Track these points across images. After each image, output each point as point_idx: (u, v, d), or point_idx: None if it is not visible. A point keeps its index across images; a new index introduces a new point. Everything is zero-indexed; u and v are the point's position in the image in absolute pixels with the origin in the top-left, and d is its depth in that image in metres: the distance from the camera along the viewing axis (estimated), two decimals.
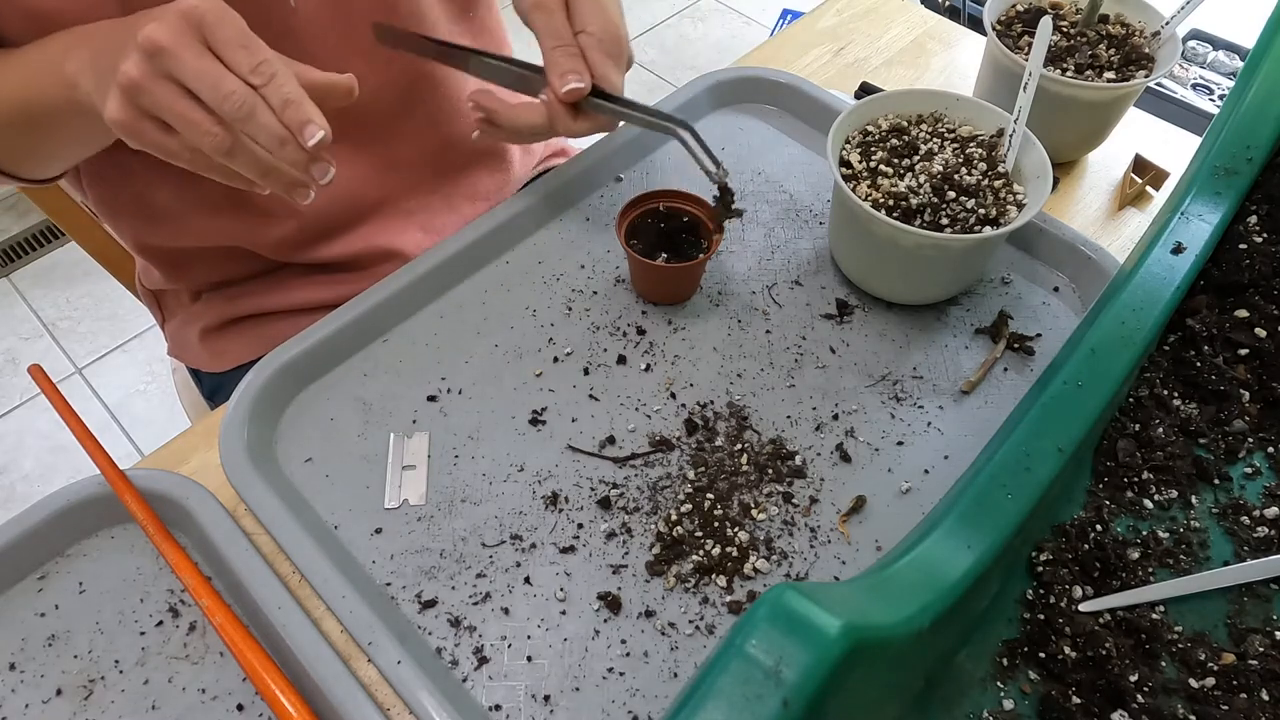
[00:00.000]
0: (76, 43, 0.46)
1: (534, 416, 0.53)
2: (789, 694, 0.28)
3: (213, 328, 0.69)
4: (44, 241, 1.81)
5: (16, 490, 1.46)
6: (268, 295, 0.67)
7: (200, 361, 0.71)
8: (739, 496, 0.49)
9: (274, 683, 0.40)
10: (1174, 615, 0.40)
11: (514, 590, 0.46)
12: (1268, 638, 0.39)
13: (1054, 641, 0.38)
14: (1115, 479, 0.44)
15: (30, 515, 0.46)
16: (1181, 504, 0.44)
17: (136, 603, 0.46)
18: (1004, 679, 0.39)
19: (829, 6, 0.83)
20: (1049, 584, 0.40)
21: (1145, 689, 0.37)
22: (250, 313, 0.68)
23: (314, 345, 0.53)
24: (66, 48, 0.46)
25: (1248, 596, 0.41)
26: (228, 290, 0.69)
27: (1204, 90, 1.44)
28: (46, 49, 0.48)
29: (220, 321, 0.69)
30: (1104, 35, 0.64)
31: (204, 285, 0.70)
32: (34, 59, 0.48)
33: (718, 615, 0.45)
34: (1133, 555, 0.41)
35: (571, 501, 0.49)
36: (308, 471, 0.50)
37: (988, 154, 0.56)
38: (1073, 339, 0.47)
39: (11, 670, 0.44)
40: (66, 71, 0.45)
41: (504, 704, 0.42)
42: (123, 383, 1.60)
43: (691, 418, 0.52)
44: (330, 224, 0.65)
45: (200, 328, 0.69)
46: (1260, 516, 0.43)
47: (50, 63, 0.47)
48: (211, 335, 0.69)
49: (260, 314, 0.68)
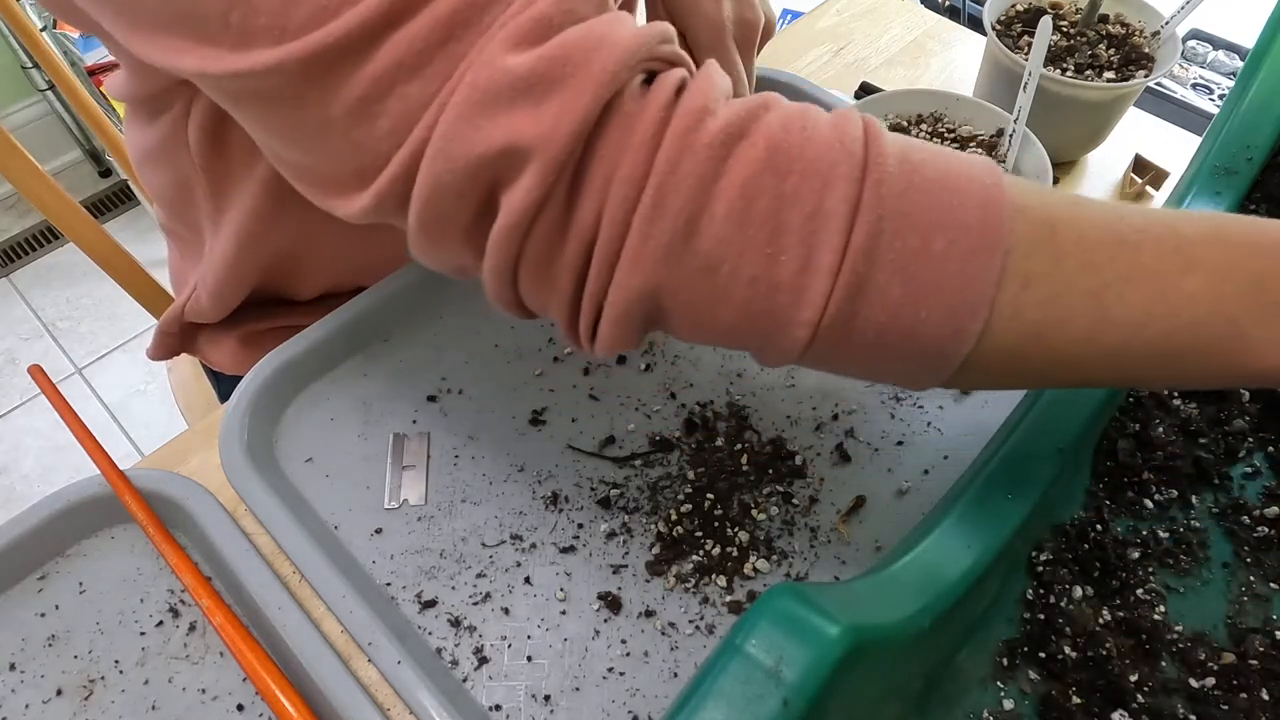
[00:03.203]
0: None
1: (534, 416, 0.53)
2: (789, 694, 0.28)
3: (251, 334, 0.68)
4: (44, 241, 1.81)
5: (16, 490, 1.46)
6: (310, 314, 0.66)
7: (232, 366, 0.70)
8: (739, 496, 0.49)
9: (274, 683, 0.40)
10: (1174, 615, 0.40)
11: (514, 590, 0.46)
12: (1268, 638, 0.39)
13: (1054, 641, 0.38)
14: (1115, 479, 0.44)
15: (30, 515, 0.46)
16: (1181, 504, 0.44)
17: (136, 603, 0.46)
18: (1004, 679, 0.39)
19: (829, 6, 0.83)
20: (1049, 584, 0.40)
21: (1145, 689, 0.37)
22: (291, 324, 0.67)
23: (314, 345, 0.53)
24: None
25: (1248, 596, 0.41)
26: (272, 308, 0.68)
27: (1204, 90, 1.44)
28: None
29: (260, 330, 0.68)
30: (1104, 35, 0.64)
31: (253, 315, 0.69)
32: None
33: (718, 615, 0.45)
34: (1133, 555, 0.41)
35: (571, 501, 0.49)
36: (308, 471, 0.50)
37: (988, 154, 0.56)
38: None
39: (11, 670, 0.44)
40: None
41: (504, 704, 0.42)
42: (123, 383, 1.60)
43: (691, 418, 0.52)
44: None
45: (236, 337, 0.68)
46: (1260, 516, 0.43)
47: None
48: (251, 340, 0.68)
49: (301, 326, 0.67)
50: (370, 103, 0.33)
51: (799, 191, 0.31)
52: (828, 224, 0.31)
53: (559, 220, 0.33)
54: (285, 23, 0.32)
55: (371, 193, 0.35)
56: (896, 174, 0.32)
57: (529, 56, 0.31)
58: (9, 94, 1.81)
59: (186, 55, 0.34)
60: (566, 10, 0.32)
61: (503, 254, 0.34)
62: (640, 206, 0.32)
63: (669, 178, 0.31)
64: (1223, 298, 0.32)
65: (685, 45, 0.55)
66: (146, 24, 0.35)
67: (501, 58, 0.31)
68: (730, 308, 0.33)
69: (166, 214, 0.64)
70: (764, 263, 0.32)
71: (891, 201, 0.31)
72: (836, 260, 0.31)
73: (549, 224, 0.33)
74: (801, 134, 0.32)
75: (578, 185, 0.32)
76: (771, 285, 0.32)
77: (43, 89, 1.78)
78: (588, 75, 0.31)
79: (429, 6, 0.31)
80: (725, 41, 0.53)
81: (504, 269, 0.35)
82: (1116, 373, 0.34)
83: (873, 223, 0.31)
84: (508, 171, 0.32)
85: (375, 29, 0.31)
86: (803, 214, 0.31)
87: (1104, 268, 0.32)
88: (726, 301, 0.33)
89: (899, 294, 0.32)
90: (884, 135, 0.33)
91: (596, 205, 0.32)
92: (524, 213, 0.32)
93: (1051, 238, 0.32)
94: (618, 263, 0.33)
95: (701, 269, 0.32)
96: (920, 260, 0.31)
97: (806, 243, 0.31)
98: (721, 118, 0.32)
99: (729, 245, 0.32)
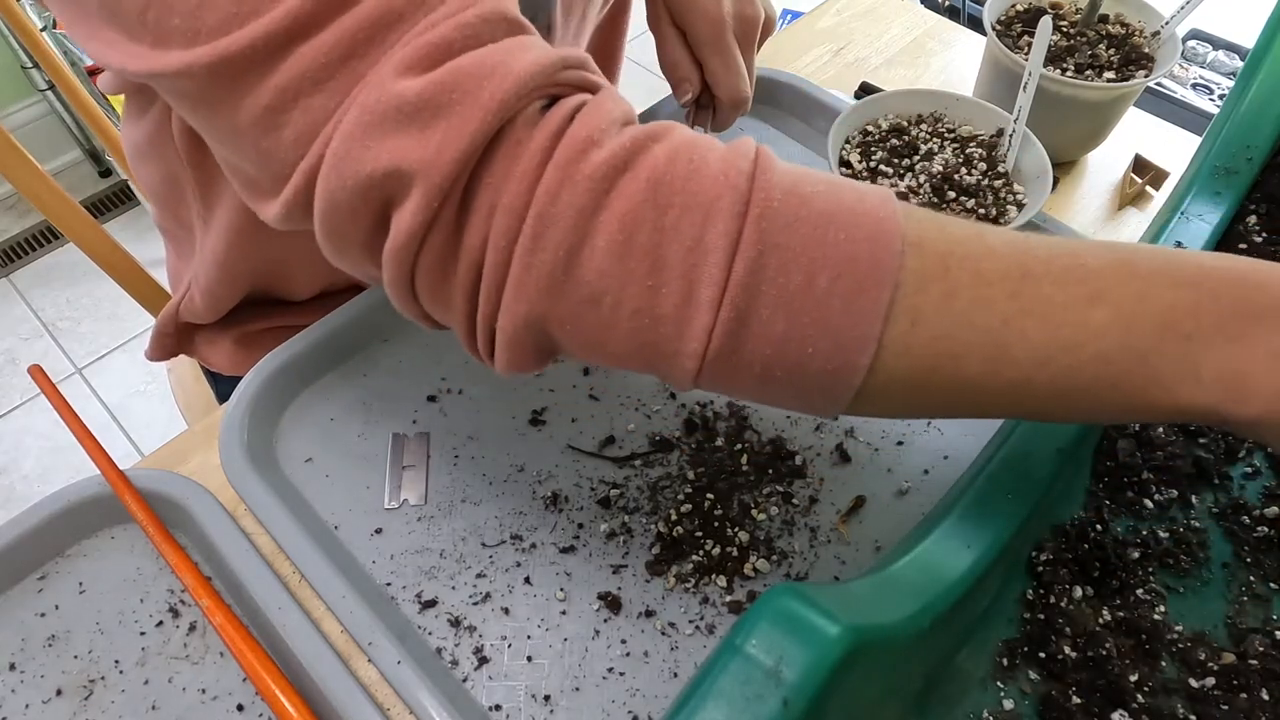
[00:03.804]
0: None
1: (534, 416, 0.53)
2: (789, 694, 0.28)
3: (247, 335, 0.68)
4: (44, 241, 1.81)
5: (16, 490, 1.46)
6: (306, 314, 0.67)
7: (229, 367, 0.70)
8: (739, 496, 0.49)
9: (274, 683, 0.40)
10: (1174, 615, 0.40)
11: (514, 590, 0.46)
12: (1268, 638, 0.39)
13: (1054, 641, 0.38)
14: (1115, 479, 0.44)
15: (30, 515, 0.46)
16: (1181, 504, 0.44)
17: (136, 603, 0.46)
18: (1004, 679, 0.39)
19: (829, 6, 0.83)
20: (1049, 584, 0.40)
21: (1145, 689, 0.37)
22: (287, 324, 0.67)
23: (314, 345, 0.53)
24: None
25: (1248, 596, 0.41)
26: (268, 308, 0.68)
27: (1204, 90, 1.44)
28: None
29: (255, 331, 0.68)
30: (1104, 35, 0.64)
31: (248, 315, 0.69)
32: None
33: (718, 615, 0.45)
34: (1133, 555, 0.41)
35: (571, 501, 0.49)
36: (308, 471, 0.50)
37: (988, 154, 0.56)
38: None
39: (11, 670, 0.44)
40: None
41: (504, 704, 0.42)
42: (123, 383, 1.60)
43: (691, 418, 0.52)
44: None
45: (232, 337, 0.68)
46: (1260, 516, 0.43)
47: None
48: (247, 340, 0.68)
49: (297, 326, 0.67)
50: (276, 113, 0.33)
51: (679, 225, 0.31)
52: (708, 258, 0.31)
53: (448, 243, 0.33)
54: (198, 25, 0.32)
55: (280, 200, 0.35)
56: (780, 208, 0.31)
57: (419, 82, 0.31)
58: (9, 94, 1.81)
59: (113, 50, 0.35)
60: (470, 35, 0.32)
61: (396, 270, 0.34)
62: (521, 237, 0.32)
63: (549, 208, 0.31)
64: (1130, 331, 0.30)
65: (687, 42, 0.55)
66: (82, 18, 0.36)
67: (392, 81, 0.31)
68: (618, 337, 0.33)
69: (159, 210, 0.64)
70: (646, 295, 0.32)
71: (774, 235, 0.31)
72: (717, 294, 0.31)
73: (439, 245, 0.33)
74: (688, 166, 0.32)
75: (465, 210, 0.33)
76: (654, 318, 0.32)
77: (43, 89, 1.78)
78: (475, 103, 0.31)
79: (335, 22, 0.31)
80: (725, 37, 0.53)
81: (400, 283, 0.35)
82: (1020, 408, 0.33)
83: (753, 258, 0.31)
84: (395, 193, 0.32)
85: (281, 40, 0.31)
86: (683, 247, 0.31)
87: (1002, 303, 0.31)
88: (613, 331, 0.33)
89: (783, 328, 0.31)
90: (775, 167, 0.32)
91: (482, 232, 0.32)
92: (410, 234, 0.32)
93: (944, 274, 0.31)
94: (503, 289, 0.33)
95: (585, 299, 0.32)
96: (804, 295, 0.31)
97: (687, 276, 0.31)
98: (606, 149, 0.32)
99: (610, 277, 0.32)
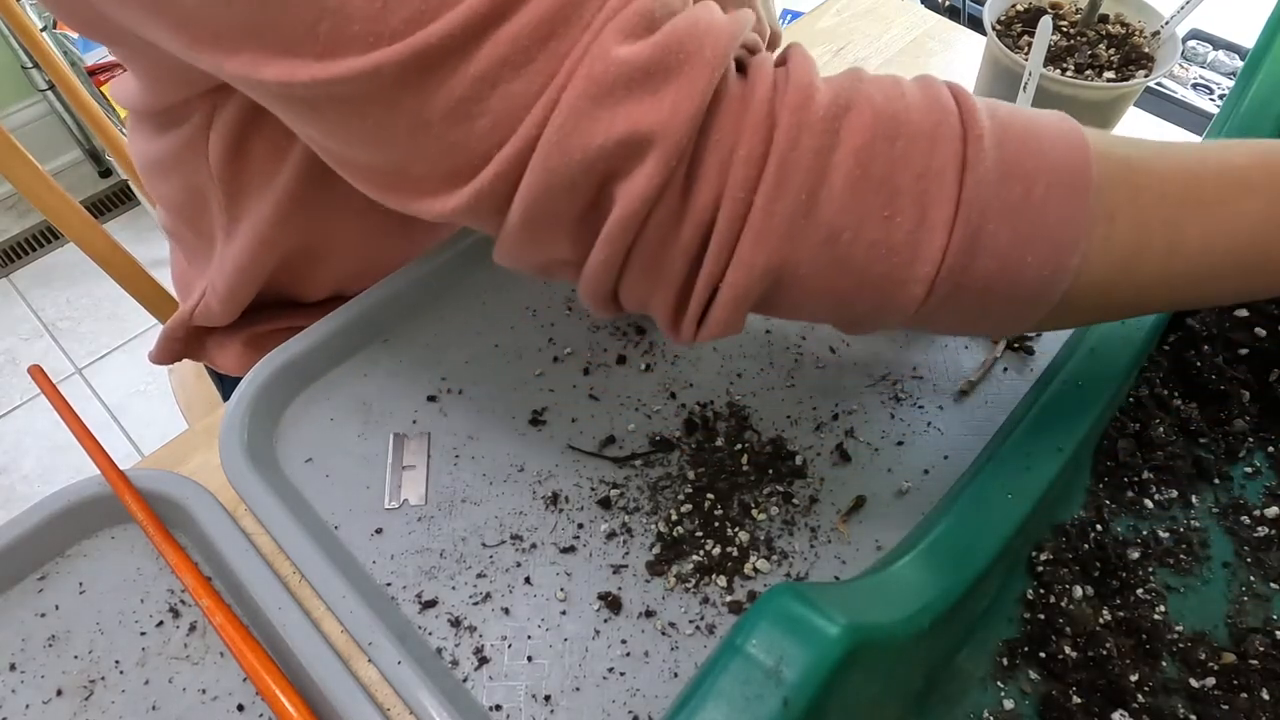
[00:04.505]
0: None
1: (534, 416, 0.53)
2: (789, 694, 0.28)
3: (257, 336, 0.68)
4: (44, 241, 1.81)
5: (16, 490, 1.46)
6: (316, 316, 0.66)
7: (238, 368, 0.70)
8: (739, 496, 0.49)
9: (274, 683, 0.40)
10: (1174, 615, 0.40)
11: (514, 590, 0.46)
12: (1268, 638, 0.39)
13: (1054, 641, 0.38)
14: (1115, 479, 0.44)
15: (30, 515, 0.46)
16: (1181, 504, 0.44)
17: (136, 603, 0.46)
18: (1004, 678, 0.39)
19: (829, 6, 0.83)
20: (1049, 584, 0.40)
21: (1145, 689, 0.37)
22: (297, 325, 0.67)
23: (314, 345, 0.53)
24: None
25: (1248, 596, 0.41)
26: (278, 310, 0.68)
27: (1204, 90, 1.44)
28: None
29: (265, 332, 0.68)
30: (1104, 35, 0.64)
31: (259, 317, 0.68)
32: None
33: (718, 615, 0.45)
34: (1133, 555, 0.41)
35: (572, 501, 0.49)
36: (308, 471, 0.50)
37: None
38: (1072, 339, 0.48)
39: (11, 670, 0.44)
40: None
41: (504, 704, 0.42)
42: (123, 383, 1.60)
43: (691, 418, 0.52)
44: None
45: (242, 339, 0.68)
46: (1260, 516, 0.43)
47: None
48: (256, 341, 0.68)
49: (305, 328, 0.67)
50: (471, 102, 0.32)
51: (908, 153, 0.33)
52: (939, 180, 0.32)
53: (676, 207, 0.33)
54: (381, 28, 0.31)
55: (469, 192, 0.34)
56: (990, 127, 0.33)
57: (643, 46, 0.31)
58: (9, 94, 1.81)
59: (266, 67, 0.34)
60: (662, 3, 0.33)
61: (617, 245, 0.34)
62: (762, 185, 0.32)
63: (790, 154, 0.32)
64: (1277, 214, 0.35)
65: None
66: (212, 39, 0.35)
67: (614, 49, 0.31)
68: (848, 275, 0.34)
69: (174, 219, 0.64)
70: (881, 225, 0.33)
71: (993, 153, 0.33)
72: (950, 214, 0.32)
73: (666, 211, 0.33)
74: (901, 100, 0.34)
75: (693, 170, 0.33)
76: (889, 247, 0.33)
77: (43, 89, 1.78)
78: (700, 61, 0.32)
79: (529, 4, 0.31)
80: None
81: (615, 261, 0.35)
82: (1191, 291, 0.37)
83: (980, 175, 0.32)
84: (626, 161, 0.32)
85: (477, 28, 0.31)
86: (913, 174, 0.32)
87: (1175, 198, 0.35)
88: (845, 269, 0.34)
89: (1007, 240, 0.33)
90: (968, 93, 0.35)
91: (715, 188, 0.33)
92: (644, 201, 0.32)
93: (1127, 176, 0.34)
94: (738, 243, 0.33)
95: (823, 240, 0.33)
96: (1023, 205, 0.33)
97: (919, 201, 0.32)
98: (825, 92, 0.33)
99: (849, 213, 0.33)
